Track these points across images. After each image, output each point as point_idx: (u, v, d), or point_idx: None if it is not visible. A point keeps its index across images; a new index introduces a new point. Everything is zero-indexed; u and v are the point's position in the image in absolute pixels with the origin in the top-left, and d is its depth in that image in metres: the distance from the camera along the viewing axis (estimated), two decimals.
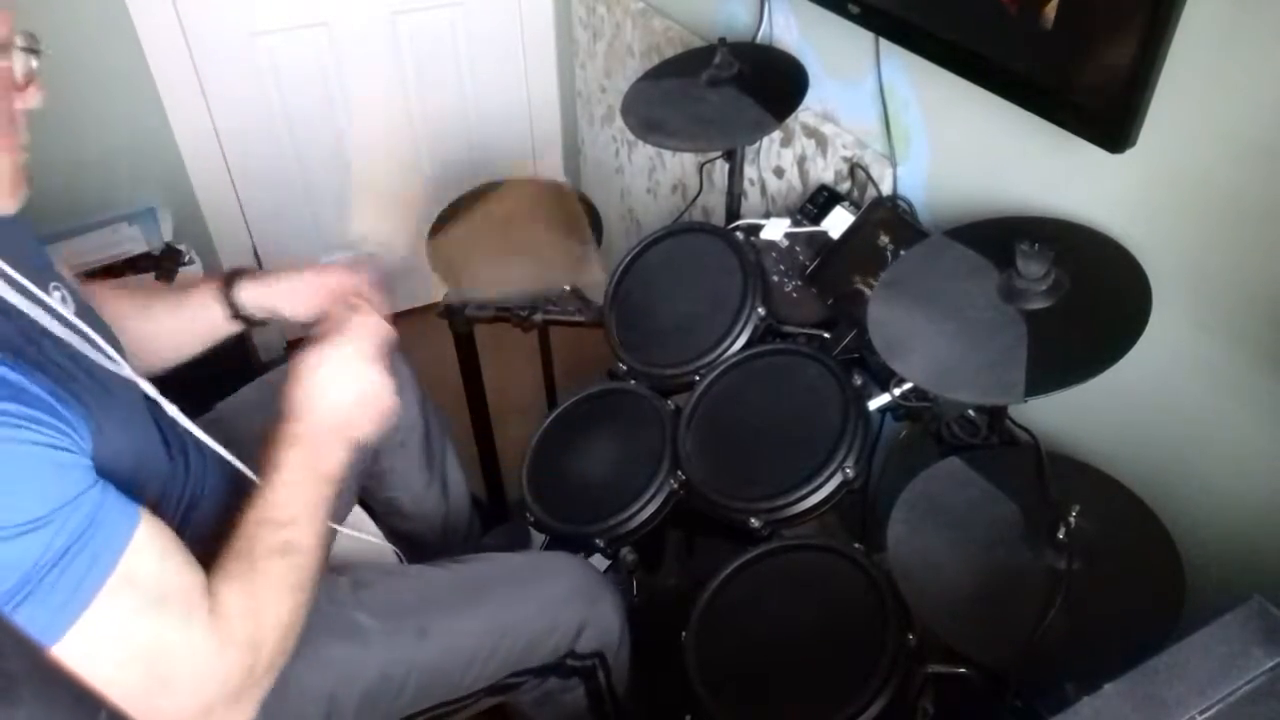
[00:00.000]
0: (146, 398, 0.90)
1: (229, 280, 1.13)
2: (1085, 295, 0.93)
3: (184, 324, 1.05)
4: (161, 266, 1.99)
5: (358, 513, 1.35)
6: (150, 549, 0.75)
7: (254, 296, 1.13)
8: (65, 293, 0.86)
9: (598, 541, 1.23)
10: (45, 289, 0.80)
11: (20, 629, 0.71)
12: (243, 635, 0.80)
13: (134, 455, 0.83)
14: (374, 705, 1.02)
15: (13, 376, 0.69)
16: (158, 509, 0.87)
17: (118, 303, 1.06)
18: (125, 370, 0.85)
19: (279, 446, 0.90)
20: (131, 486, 0.79)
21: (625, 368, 1.36)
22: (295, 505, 0.88)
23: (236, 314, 1.13)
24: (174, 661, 0.76)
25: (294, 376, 0.94)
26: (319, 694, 0.99)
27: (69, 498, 0.70)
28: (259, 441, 0.93)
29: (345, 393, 0.95)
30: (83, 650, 0.71)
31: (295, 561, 0.86)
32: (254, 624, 0.81)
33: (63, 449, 0.71)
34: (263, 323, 1.15)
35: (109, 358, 0.83)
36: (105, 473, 0.76)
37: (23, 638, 0.71)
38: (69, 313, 0.82)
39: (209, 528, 0.96)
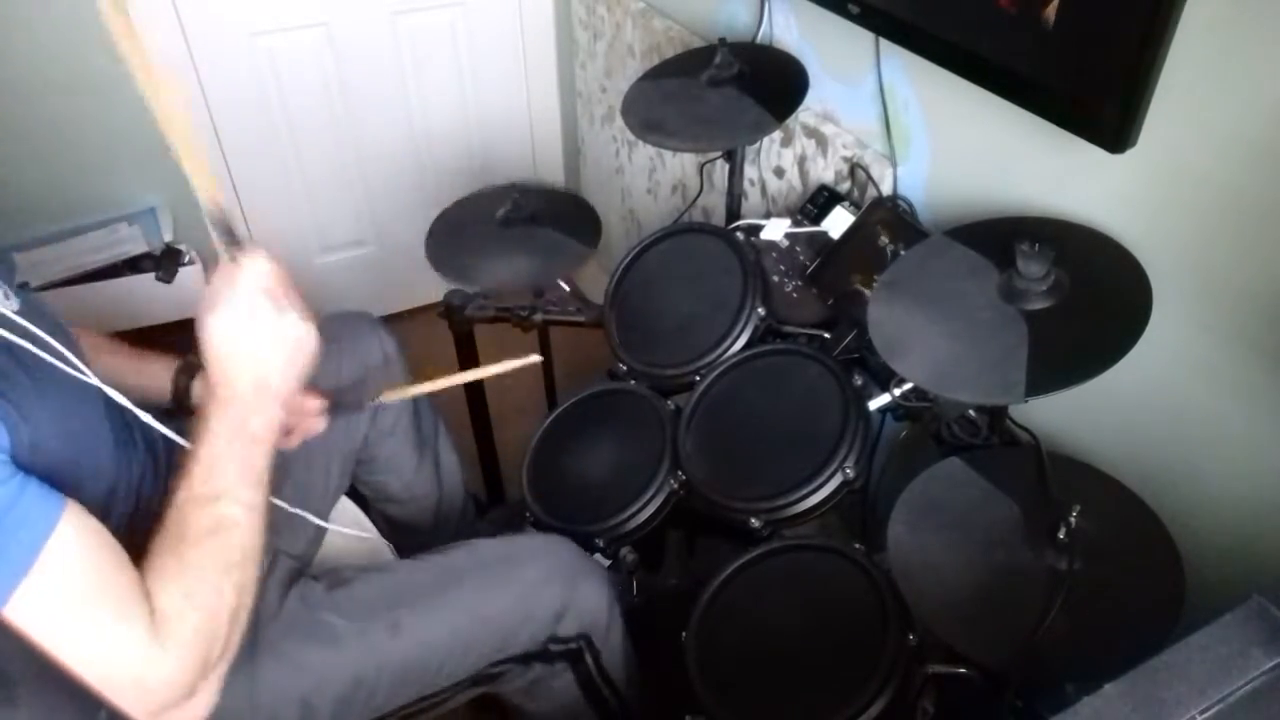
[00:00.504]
0: (101, 392, 0.88)
1: (187, 369, 1.11)
2: (1085, 295, 0.93)
3: (123, 384, 0.95)
4: (161, 266, 2.00)
5: (348, 507, 1.34)
6: (74, 545, 0.73)
7: (203, 390, 1.09)
8: (7, 290, 0.86)
9: (598, 541, 1.23)
10: None
11: (19, 629, 0.71)
12: (188, 633, 0.77)
13: (75, 447, 0.82)
14: (349, 706, 1.01)
15: None
16: (110, 500, 0.86)
17: (83, 338, 1.00)
18: (72, 363, 0.83)
19: (202, 417, 0.86)
20: (72, 479, 0.78)
21: (625, 368, 1.36)
22: (224, 477, 0.83)
23: (179, 399, 1.10)
24: (109, 663, 0.74)
25: (202, 344, 0.87)
26: (291, 698, 0.99)
27: None
28: None
29: (257, 347, 0.87)
30: None
31: (229, 539, 0.82)
32: (198, 616, 0.78)
33: None
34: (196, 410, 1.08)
35: (56, 355, 0.82)
36: (33, 465, 0.74)
37: (20, 638, 0.71)
38: (10, 310, 0.81)
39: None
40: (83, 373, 0.84)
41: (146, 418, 0.90)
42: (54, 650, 0.72)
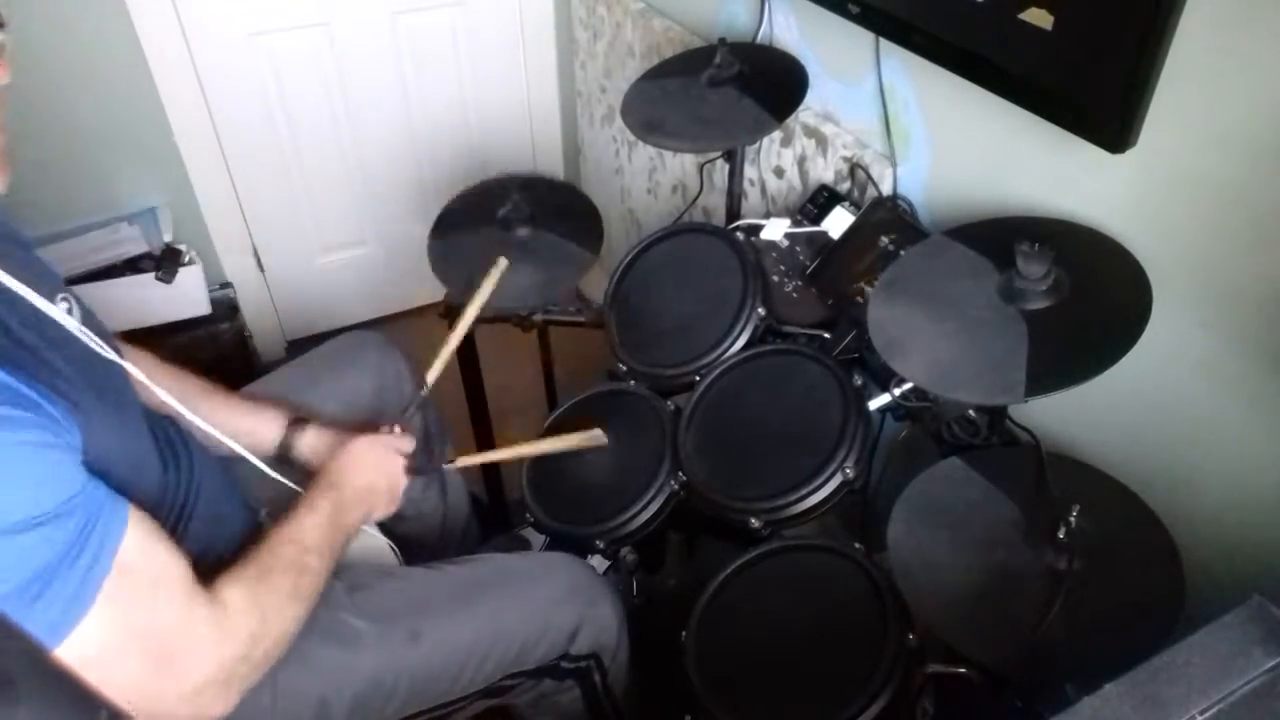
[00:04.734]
0: (144, 416, 0.92)
1: (297, 423, 1.19)
2: (1085, 295, 0.93)
3: (232, 429, 1.08)
4: (161, 266, 2.00)
5: None
6: (141, 538, 0.79)
7: (309, 446, 1.19)
8: (73, 303, 0.88)
9: (598, 542, 1.23)
10: (52, 300, 0.82)
11: (17, 627, 0.71)
12: (243, 627, 0.85)
13: (126, 461, 0.84)
14: (365, 709, 1.02)
15: (5, 379, 0.70)
16: (152, 515, 0.88)
17: (182, 382, 1.11)
18: (127, 368, 0.87)
19: (316, 492, 1.04)
20: (123, 488, 0.80)
21: (625, 368, 1.36)
22: (317, 537, 0.98)
23: (284, 451, 1.18)
24: (173, 642, 0.80)
25: (343, 448, 1.11)
26: (309, 698, 0.99)
27: (66, 495, 0.72)
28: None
29: (378, 475, 1.12)
30: (89, 641, 0.74)
31: (304, 579, 0.94)
32: (256, 619, 0.86)
33: (55, 447, 0.73)
34: (294, 460, 1.20)
35: (112, 364, 0.85)
36: (96, 474, 0.78)
37: (20, 636, 0.71)
38: (75, 321, 0.83)
39: (203, 534, 0.97)
40: (124, 371, 0.87)
41: (256, 460, 1.06)
42: (118, 641, 0.77)
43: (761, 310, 1.27)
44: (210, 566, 0.89)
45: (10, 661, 0.85)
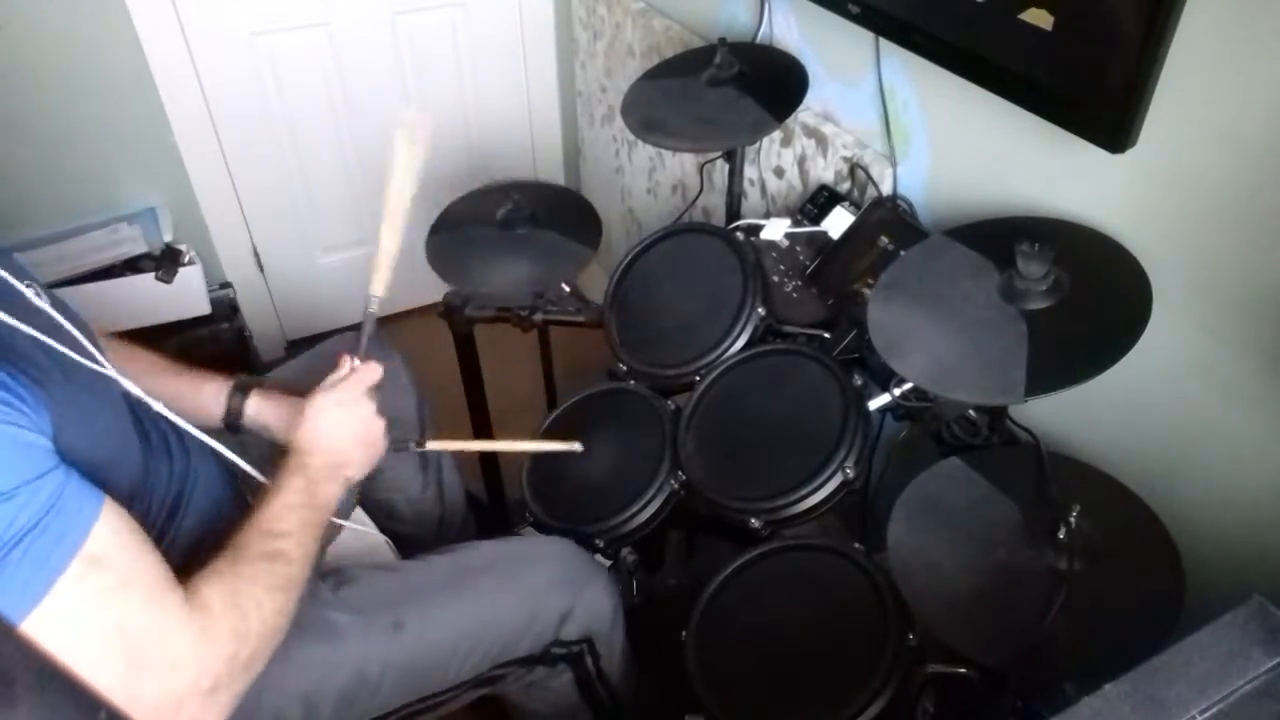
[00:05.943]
0: (126, 395, 0.91)
1: (241, 387, 1.15)
2: (1085, 295, 0.93)
3: (184, 404, 1.04)
4: (161, 266, 2.00)
5: (357, 511, 1.35)
6: (114, 533, 0.76)
7: (257, 413, 1.15)
8: (38, 290, 0.87)
9: (598, 542, 1.23)
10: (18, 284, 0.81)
11: (15, 626, 0.71)
12: (225, 626, 0.81)
13: (102, 449, 0.83)
14: (351, 702, 1.01)
15: None
16: (131, 504, 0.87)
17: (131, 352, 1.08)
18: (101, 362, 0.85)
19: (282, 473, 0.97)
20: (99, 479, 0.79)
21: (625, 368, 1.36)
22: (290, 522, 0.93)
23: (232, 419, 1.14)
24: (147, 644, 0.77)
25: (301, 417, 1.02)
26: (294, 695, 0.99)
27: (32, 475, 0.71)
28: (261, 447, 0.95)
29: (344, 435, 1.04)
30: (50, 629, 0.72)
31: (281, 568, 0.89)
32: (237, 615, 0.82)
33: (24, 428, 0.71)
34: (246, 430, 1.15)
35: (86, 355, 0.83)
36: (68, 462, 0.76)
37: (20, 638, 0.71)
38: (42, 302, 0.83)
39: (198, 523, 0.96)
40: (101, 366, 0.86)
41: (201, 435, 0.98)
42: (90, 636, 0.74)
43: (761, 310, 1.27)
44: (205, 558, 0.87)
45: (9, 661, 0.85)
